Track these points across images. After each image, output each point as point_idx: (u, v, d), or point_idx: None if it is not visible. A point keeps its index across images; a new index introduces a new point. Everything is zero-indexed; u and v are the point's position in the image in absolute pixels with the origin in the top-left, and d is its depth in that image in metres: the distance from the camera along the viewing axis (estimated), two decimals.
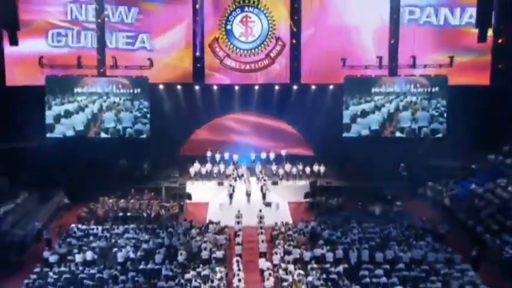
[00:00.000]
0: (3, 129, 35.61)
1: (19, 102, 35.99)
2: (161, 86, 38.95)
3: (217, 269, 25.56)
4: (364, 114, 37.24)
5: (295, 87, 39.57)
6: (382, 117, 37.23)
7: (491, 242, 28.28)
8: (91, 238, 29.32)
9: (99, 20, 37.21)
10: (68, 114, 36.99)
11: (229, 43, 38.56)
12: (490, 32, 33.47)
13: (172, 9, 38.21)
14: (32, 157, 35.23)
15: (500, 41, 36.12)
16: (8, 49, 36.07)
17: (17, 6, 33.11)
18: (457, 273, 24.76)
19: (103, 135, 37.20)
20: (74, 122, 37.00)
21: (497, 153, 36.30)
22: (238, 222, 31.24)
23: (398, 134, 37.12)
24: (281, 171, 38.79)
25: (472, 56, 37.11)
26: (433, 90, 36.82)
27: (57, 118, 36.83)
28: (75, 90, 36.97)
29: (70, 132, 36.94)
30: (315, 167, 38.90)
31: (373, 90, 37.14)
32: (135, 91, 37.25)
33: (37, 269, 25.64)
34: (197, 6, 38.02)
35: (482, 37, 32.65)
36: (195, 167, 38.85)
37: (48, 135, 36.71)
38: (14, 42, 32.72)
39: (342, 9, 38.07)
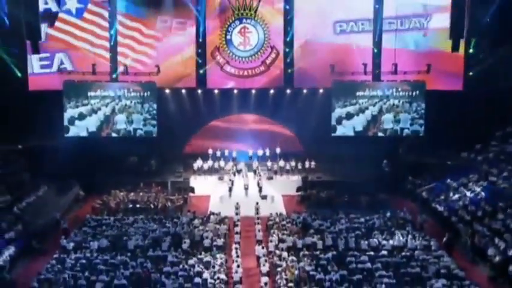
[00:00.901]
0: (25, 129, 35.65)
1: (40, 105, 36.08)
2: (167, 90, 39.03)
3: (217, 255, 25.53)
4: (349, 116, 37.71)
5: (288, 91, 39.56)
6: (366, 119, 37.63)
7: (464, 230, 28.33)
8: (104, 227, 29.28)
9: (112, 33, 37.86)
10: (81, 116, 37.33)
11: (228, 51, 38.84)
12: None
13: (179, 22, 38.47)
14: (51, 154, 35.40)
15: (471, 51, 36.71)
16: (31, 57, 36.50)
17: (39, 19, 33.46)
18: (434, 259, 24.87)
19: (114, 135, 37.69)
20: (87, 124, 37.42)
21: (469, 151, 36.52)
22: (236, 213, 31.33)
23: (381, 134, 37.68)
24: (276, 167, 38.87)
25: (446, 64, 37.29)
26: (414, 94, 37.24)
27: (72, 120, 37.27)
28: (89, 94, 37.32)
29: (84, 133, 37.43)
30: (307, 163, 38.94)
31: (358, 93, 37.56)
32: (145, 94, 37.59)
33: (56, 255, 25.54)
34: (200, 18, 38.23)
35: (455, 47, 32.95)
36: (198, 163, 38.81)
37: (66, 135, 37.15)
38: (36, 51, 33.05)
39: (330, 20, 38.49)
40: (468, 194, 32.00)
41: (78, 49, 37.99)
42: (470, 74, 37.54)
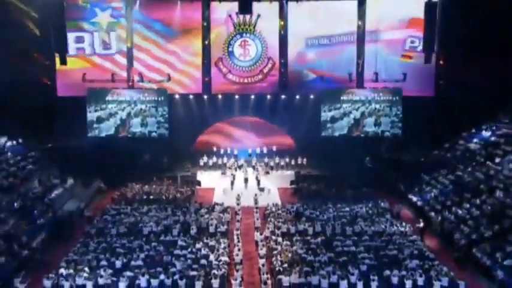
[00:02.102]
0: (54, 130, 35.82)
1: (66, 110, 36.11)
2: (177, 96, 39.11)
3: (221, 240, 25.53)
4: (333, 120, 38.07)
5: (283, 96, 39.57)
6: (349, 122, 37.93)
7: (435, 218, 28.76)
8: (122, 216, 29.22)
9: (129, 45, 38.22)
10: (101, 119, 37.66)
11: (230, 62, 38.95)
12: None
13: (186, 36, 38.80)
14: (76, 152, 35.51)
15: (441, 62, 37.14)
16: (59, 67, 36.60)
17: (66, 34, 33.84)
18: (409, 243, 25.08)
19: (130, 136, 38.01)
20: (106, 126, 37.75)
21: (440, 149, 36.69)
22: (238, 204, 31.32)
23: (363, 135, 38.02)
24: (272, 163, 38.83)
25: (420, 73, 37.58)
26: (393, 99, 37.50)
27: (93, 123, 37.65)
28: (107, 99, 37.58)
29: (103, 134, 37.81)
30: (299, 160, 39.13)
31: (343, 98, 37.86)
32: (159, 99, 37.84)
33: (81, 240, 25.75)
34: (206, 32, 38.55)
35: (427, 59, 33.35)
36: (204, 160, 39.02)
37: (88, 135, 37.53)
38: (63, 62, 33.46)
39: (319, 34, 38.62)
40: (438, 186, 32.28)
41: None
42: (441, 82, 37.83)
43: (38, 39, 35.79)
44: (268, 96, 39.72)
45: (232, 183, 35.73)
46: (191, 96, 39.69)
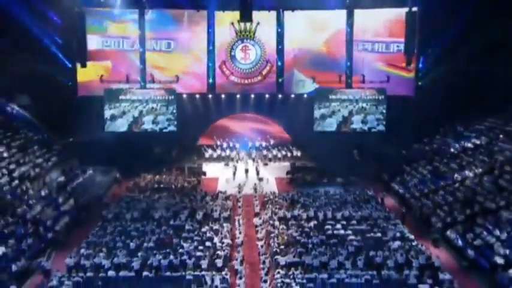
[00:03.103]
0: (75, 126, 35.74)
1: (86, 108, 36.34)
2: (184, 95, 39.11)
3: (224, 224, 25.61)
4: (323, 117, 38.27)
5: (280, 95, 39.56)
6: (337, 120, 38.05)
7: (414, 204, 28.96)
8: (136, 202, 29.25)
9: (142, 50, 38.30)
10: (116, 116, 37.84)
11: (233, 65, 39.03)
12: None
13: (193, 42, 38.84)
14: (94, 146, 35.27)
15: (420, 65, 37.30)
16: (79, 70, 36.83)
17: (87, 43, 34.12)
18: (392, 226, 25.28)
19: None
20: (122, 122, 37.85)
21: (419, 143, 36.86)
22: (239, 192, 31.55)
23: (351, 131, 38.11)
24: (270, 155, 38.75)
25: (402, 75, 37.87)
26: (378, 98, 37.61)
27: (110, 119, 37.82)
28: (122, 98, 37.69)
29: (119, 130, 37.91)
30: (294, 152, 39.03)
31: (332, 97, 38.01)
32: (168, 98, 37.97)
33: (99, 223, 25.92)
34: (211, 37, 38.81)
35: (408, 63, 33.49)
36: (209, 152, 38.93)
37: (105, 130, 37.72)
38: (83, 65, 33.64)
39: (312, 41, 38.83)
40: (418, 175, 32.43)
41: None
42: (420, 83, 38.00)
43: (61, 46, 36.10)
44: (267, 96, 39.66)
45: (234, 173, 35.67)
46: (197, 96, 39.63)
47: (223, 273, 20.54)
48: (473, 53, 33.20)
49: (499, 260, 20.68)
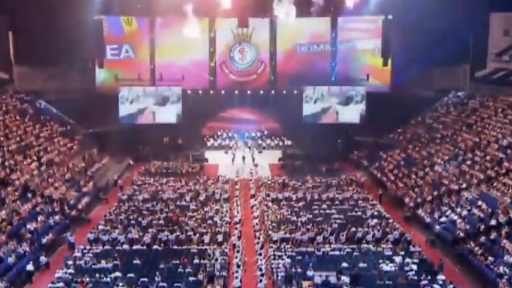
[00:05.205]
0: (94, 119, 35.73)
1: (104, 103, 35.95)
2: (189, 92, 38.96)
3: (224, 205, 25.79)
4: (310, 110, 38.57)
5: (273, 92, 39.56)
6: (324, 113, 38.17)
7: (390, 186, 28.90)
8: (146, 185, 29.39)
9: (152, 52, 38.33)
10: (126, 111, 37.92)
11: (232, 65, 39.23)
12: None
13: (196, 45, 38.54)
14: (111, 136, 35.77)
15: (395, 65, 37.19)
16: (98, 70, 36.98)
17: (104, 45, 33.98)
18: (370, 206, 25.47)
19: (152, 123, 38.02)
20: (131, 118, 37.91)
21: (394, 133, 36.56)
22: (237, 176, 31.67)
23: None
24: (264, 144, 38.66)
25: (379, 74, 38.00)
26: (360, 93, 37.78)
27: (124, 113, 37.85)
28: (133, 94, 37.67)
29: (132, 122, 37.89)
30: (285, 142, 38.92)
31: (320, 93, 38.07)
32: (176, 94, 37.98)
33: (115, 204, 26.04)
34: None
35: (385, 63, 33.51)
36: (211, 142, 39.02)
37: (120, 123, 37.60)
38: (101, 66, 33.57)
39: (300, 43, 39.02)
40: (393, 161, 32.31)
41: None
42: (394, 81, 38.10)
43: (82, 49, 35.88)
44: (261, 92, 39.62)
45: (232, 160, 35.50)
46: (200, 92, 39.54)
47: (223, 247, 20.70)
48: (443, 55, 32.85)
49: (461, 234, 20.92)
